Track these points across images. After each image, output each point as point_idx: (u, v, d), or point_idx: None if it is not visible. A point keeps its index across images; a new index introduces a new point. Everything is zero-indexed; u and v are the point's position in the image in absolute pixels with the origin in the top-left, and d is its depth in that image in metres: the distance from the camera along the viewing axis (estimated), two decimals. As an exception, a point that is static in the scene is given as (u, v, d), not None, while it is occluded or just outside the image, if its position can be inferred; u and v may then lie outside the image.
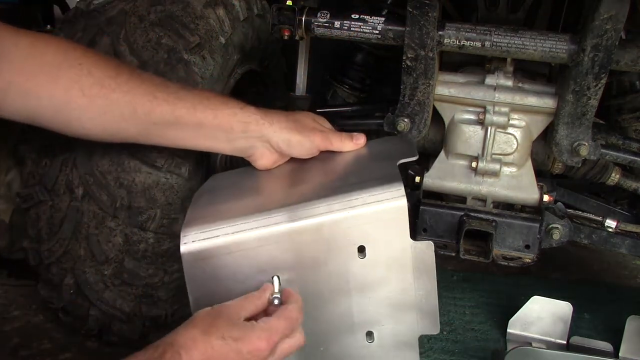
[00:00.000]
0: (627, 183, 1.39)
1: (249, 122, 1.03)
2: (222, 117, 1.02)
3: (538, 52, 1.16)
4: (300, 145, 1.06)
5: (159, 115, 0.98)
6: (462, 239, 1.23)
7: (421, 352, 1.43)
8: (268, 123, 1.04)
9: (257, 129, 1.04)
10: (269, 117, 1.05)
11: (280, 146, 1.06)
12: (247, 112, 1.04)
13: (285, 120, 1.06)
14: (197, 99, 1.02)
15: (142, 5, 1.18)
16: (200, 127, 1.01)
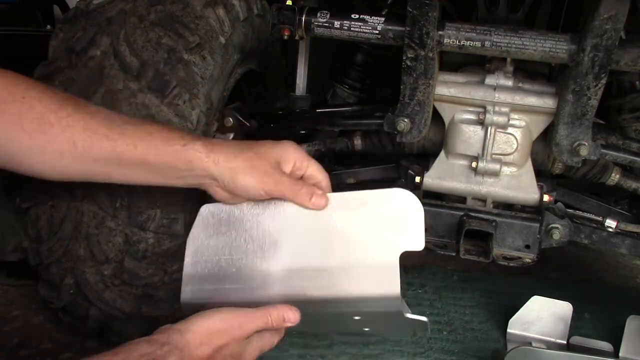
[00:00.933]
0: (627, 183, 1.39)
1: (192, 160, 0.94)
2: (164, 156, 0.94)
3: (538, 52, 1.16)
4: (246, 190, 0.96)
5: (99, 151, 0.92)
6: (462, 239, 1.23)
7: (421, 352, 1.43)
8: (212, 162, 0.94)
9: (201, 168, 0.95)
10: (215, 154, 0.94)
11: (226, 186, 0.97)
12: (190, 149, 0.94)
13: (234, 159, 0.95)
14: (139, 134, 0.94)
15: (142, 5, 1.18)
16: (144, 165, 0.95)
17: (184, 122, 1.15)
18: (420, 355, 1.42)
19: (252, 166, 0.94)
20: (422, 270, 1.82)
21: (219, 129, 1.36)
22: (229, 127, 1.37)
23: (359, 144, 1.44)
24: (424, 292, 1.70)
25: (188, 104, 1.16)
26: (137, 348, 0.81)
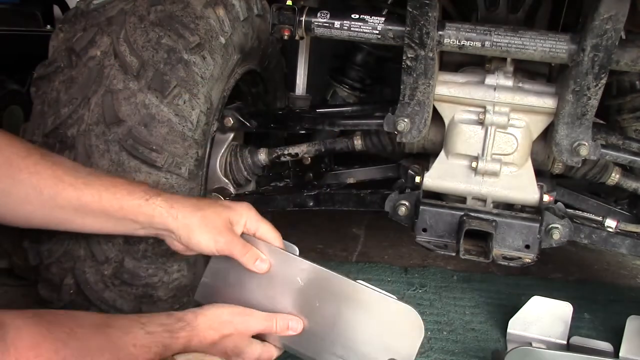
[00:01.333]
0: (627, 183, 1.39)
1: (153, 215, 0.99)
2: (127, 208, 0.98)
3: (538, 52, 1.16)
4: (199, 247, 1.02)
5: (64, 199, 0.95)
6: (462, 239, 1.23)
7: (421, 352, 1.43)
8: (172, 217, 0.99)
9: (161, 222, 1.00)
10: (175, 210, 0.99)
11: (182, 240, 1.02)
12: (152, 204, 0.99)
13: (192, 216, 1.00)
14: (104, 186, 0.98)
15: (142, 5, 1.18)
16: (107, 215, 0.99)
17: (184, 122, 1.15)
18: (420, 355, 1.42)
19: (207, 224, 1.00)
20: (422, 270, 1.82)
21: (219, 129, 1.36)
22: (229, 127, 1.37)
23: (359, 144, 1.44)
24: (424, 292, 1.70)
25: (188, 104, 1.16)
26: (158, 318, 0.93)
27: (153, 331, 0.90)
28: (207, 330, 0.96)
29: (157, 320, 0.92)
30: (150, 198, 0.99)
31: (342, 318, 1.01)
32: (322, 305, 1.02)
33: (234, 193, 1.43)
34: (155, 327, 0.91)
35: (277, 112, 1.59)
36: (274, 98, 1.68)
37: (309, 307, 1.03)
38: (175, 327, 0.93)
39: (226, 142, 1.40)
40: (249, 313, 1.01)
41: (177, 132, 1.14)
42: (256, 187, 1.55)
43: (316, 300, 1.03)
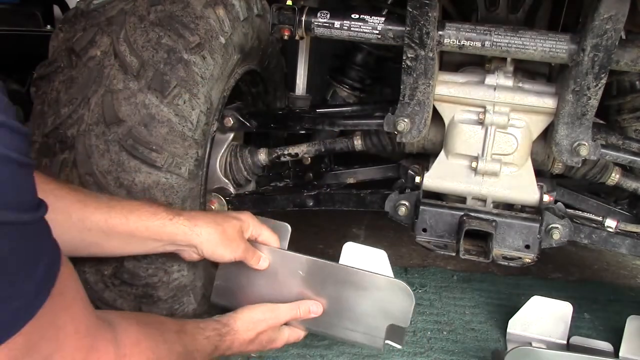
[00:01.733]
0: (627, 183, 1.39)
1: (177, 233, 1.06)
2: (152, 229, 1.04)
3: (538, 52, 1.16)
4: (222, 257, 1.12)
5: (92, 222, 0.98)
6: (462, 239, 1.23)
7: (421, 352, 1.43)
8: (196, 234, 1.08)
9: (184, 239, 1.08)
10: (198, 227, 1.08)
11: (204, 254, 1.11)
12: (175, 223, 1.06)
13: (214, 232, 1.09)
14: (128, 209, 1.02)
15: (142, 5, 1.18)
16: (133, 237, 1.03)
17: (184, 122, 1.15)
18: (420, 355, 1.42)
19: (227, 238, 1.11)
20: (422, 270, 1.82)
21: (219, 129, 1.36)
22: (229, 127, 1.37)
23: (359, 144, 1.44)
24: (424, 292, 1.70)
25: (188, 104, 1.16)
26: (211, 323, 1.07)
27: (209, 335, 1.04)
28: (246, 332, 1.10)
29: (211, 326, 1.06)
30: (174, 218, 1.06)
31: (343, 297, 1.17)
32: (324, 290, 1.18)
33: (234, 193, 1.43)
34: (210, 331, 1.05)
35: (277, 112, 1.59)
36: (274, 98, 1.68)
37: (314, 293, 1.18)
38: (222, 331, 1.07)
39: (226, 142, 1.40)
40: (276, 308, 1.15)
41: (177, 132, 1.14)
42: (256, 187, 1.55)
43: (318, 286, 1.18)
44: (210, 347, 1.04)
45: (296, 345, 1.41)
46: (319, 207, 1.43)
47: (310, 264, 1.18)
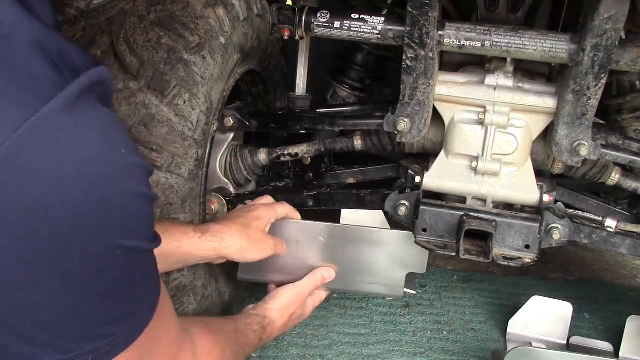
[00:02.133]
0: (627, 183, 1.39)
1: (207, 249, 1.11)
2: (184, 248, 1.07)
3: (538, 52, 1.16)
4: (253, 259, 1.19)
5: None
6: (462, 239, 1.23)
7: (421, 352, 1.43)
8: (225, 247, 1.12)
9: (215, 254, 1.13)
10: (226, 241, 1.12)
11: (235, 260, 1.18)
12: (205, 241, 1.10)
13: (241, 240, 1.14)
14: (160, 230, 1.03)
15: (142, 5, 1.18)
16: (165, 258, 1.02)
17: (184, 122, 1.15)
18: (420, 355, 1.42)
19: (254, 242, 1.17)
20: (422, 270, 1.82)
21: (219, 129, 1.36)
22: (229, 127, 1.37)
23: (359, 144, 1.44)
24: (424, 292, 1.70)
25: (188, 104, 1.16)
26: (255, 318, 1.14)
27: (255, 330, 1.12)
28: (281, 319, 1.18)
29: (255, 320, 1.13)
30: (203, 235, 1.10)
31: (362, 255, 1.28)
32: (344, 251, 1.28)
33: (234, 193, 1.43)
34: (255, 326, 1.12)
35: (277, 112, 1.59)
36: (274, 98, 1.68)
37: (336, 256, 1.28)
38: (264, 323, 1.14)
39: (226, 142, 1.40)
40: (299, 286, 1.23)
41: (177, 132, 1.14)
42: (256, 187, 1.55)
43: (339, 248, 1.28)
44: (257, 340, 1.12)
45: (296, 345, 1.41)
46: (319, 207, 1.43)
47: (330, 229, 1.28)
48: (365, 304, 1.62)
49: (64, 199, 0.55)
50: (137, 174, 0.63)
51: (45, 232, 0.55)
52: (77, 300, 0.61)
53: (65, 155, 0.54)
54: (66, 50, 0.56)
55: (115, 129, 0.60)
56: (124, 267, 0.65)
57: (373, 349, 1.42)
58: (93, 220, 0.58)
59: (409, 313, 1.59)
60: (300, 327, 1.49)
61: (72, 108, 0.54)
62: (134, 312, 0.69)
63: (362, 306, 1.61)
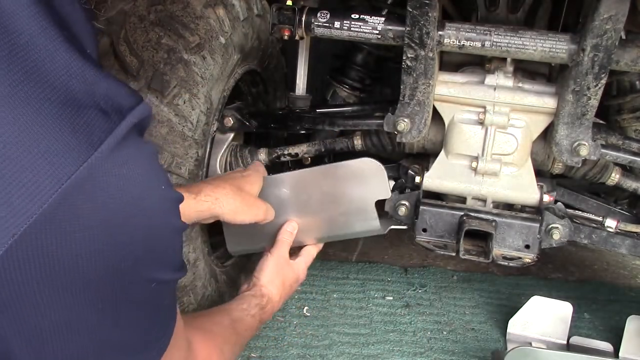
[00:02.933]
0: (627, 183, 1.39)
1: (202, 210, 1.10)
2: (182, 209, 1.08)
3: (538, 52, 1.16)
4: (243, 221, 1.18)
5: None
6: (462, 239, 1.23)
7: (421, 352, 1.43)
8: (219, 207, 1.12)
9: (209, 213, 1.12)
10: (220, 200, 1.12)
11: (226, 220, 1.17)
12: (199, 201, 1.10)
13: (234, 201, 1.15)
14: None
15: (142, 5, 1.18)
16: None
17: (184, 122, 1.15)
18: (420, 355, 1.42)
19: (246, 204, 1.17)
20: (422, 270, 1.82)
21: (219, 129, 1.36)
22: (229, 127, 1.37)
23: (359, 144, 1.44)
24: (424, 292, 1.71)
25: (188, 104, 1.16)
26: (251, 300, 1.15)
27: (254, 313, 1.13)
28: (277, 292, 1.20)
29: (253, 303, 1.14)
30: (197, 196, 1.09)
31: (329, 195, 1.26)
32: (311, 197, 1.27)
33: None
34: (253, 308, 1.13)
35: (277, 112, 1.59)
36: (274, 98, 1.68)
37: (304, 204, 1.28)
38: (262, 303, 1.16)
39: (226, 142, 1.40)
40: (276, 250, 1.24)
41: (177, 132, 1.14)
42: (256, 187, 1.55)
43: (304, 196, 1.27)
44: (257, 323, 1.13)
45: (296, 345, 1.41)
46: (319, 207, 1.43)
47: (289, 179, 1.28)
48: (365, 304, 1.62)
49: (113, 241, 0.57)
50: (174, 208, 0.65)
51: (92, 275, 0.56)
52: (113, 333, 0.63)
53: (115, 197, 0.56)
54: (112, 92, 0.58)
55: (156, 164, 0.63)
56: (157, 298, 0.67)
57: (373, 349, 1.43)
58: (136, 258, 0.60)
59: (409, 313, 1.59)
60: (300, 327, 1.49)
61: (119, 149, 0.56)
62: (158, 338, 0.71)
63: (362, 306, 1.61)
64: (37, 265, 0.53)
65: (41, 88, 0.54)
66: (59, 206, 0.52)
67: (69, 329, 0.58)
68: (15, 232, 0.50)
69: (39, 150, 0.52)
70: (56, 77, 0.55)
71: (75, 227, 0.54)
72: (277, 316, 1.52)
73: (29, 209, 0.51)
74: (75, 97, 0.55)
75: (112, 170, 0.56)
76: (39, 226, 0.51)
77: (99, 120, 0.56)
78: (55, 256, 0.53)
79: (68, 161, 0.53)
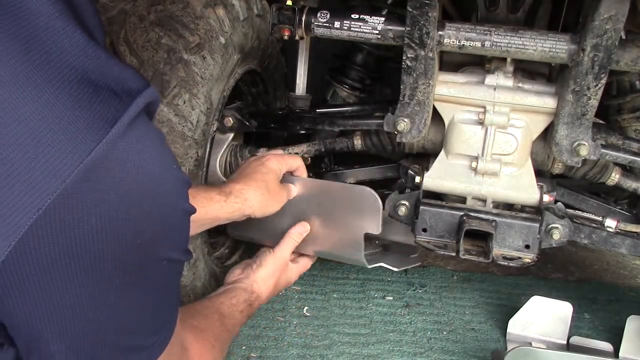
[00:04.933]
0: (627, 183, 1.39)
1: (232, 211, 1.12)
2: (211, 213, 1.10)
3: (538, 52, 1.16)
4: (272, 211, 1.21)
5: None
6: (462, 239, 1.23)
7: (421, 352, 1.43)
8: (248, 206, 1.14)
9: (240, 214, 1.14)
10: (249, 200, 1.14)
11: (257, 216, 1.18)
12: (230, 203, 1.12)
13: (261, 195, 1.16)
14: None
15: (142, 5, 1.18)
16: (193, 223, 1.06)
17: (184, 122, 1.15)
18: (420, 355, 1.42)
19: (273, 197, 1.19)
20: (422, 270, 1.82)
21: (219, 129, 1.36)
22: (229, 127, 1.37)
23: (359, 144, 1.44)
24: (424, 292, 1.70)
25: (188, 104, 1.16)
26: (241, 295, 1.16)
27: (242, 309, 1.14)
28: (266, 290, 1.21)
29: (242, 298, 1.15)
30: (227, 198, 1.11)
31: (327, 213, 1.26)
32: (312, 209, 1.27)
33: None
34: (242, 304, 1.14)
35: (277, 112, 1.59)
36: (274, 98, 1.68)
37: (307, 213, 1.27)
38: (251, 299, 1.17)
39: (226, 142, 1.40)
40: (278, 251, 1.24)
41: (176, 132, 1.14)
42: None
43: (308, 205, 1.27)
44: (245, 319, 1.15)
45: (296, 345, 1.41)
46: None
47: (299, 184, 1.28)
48: (365, 304, 1.62)
49: (130, 216, 0.59)
50: (184, 190, 0.67)
51: (110, 250, 0.58)
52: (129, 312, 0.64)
53: (131, 173, 0.58)
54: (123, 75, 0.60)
55: (165, 145, 0.64)
56: (168, 277, 0.69)
57: (373, 349, 1.42)
58: (152, 234, 0.62)
59: (409, 313, 1.59)
60: (300, 327, 1.49)
61: (132, 129, 0.58)
62: (167, 322, 0.73)
63: (362, 306, 1.61)
64: (60, 240, 0.54)
65: (60, 68, 0.55)
66: (80, 182, 0.54)
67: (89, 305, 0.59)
68: (40, 207, 0.52)
69: (60, 127, 0.53)
70: (74, 58, 0.57)
71: (95, 202, 0.55)
72: (277, 316, 1.52)
73: (52, 184, 0.52)
74: (91, 77, 0.57)
75: (128, 147, 0.57)
76: (61, 201, 0.53)
77: (112, 100, 0.57)
78: (76, 231, 0.54)
79: (87, 138, 0.54)
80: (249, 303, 1.16)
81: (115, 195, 0.56)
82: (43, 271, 0.54)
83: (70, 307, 0.58)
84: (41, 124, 0.53)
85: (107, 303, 0.61)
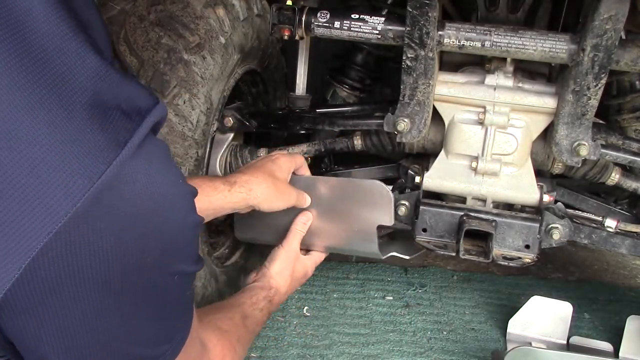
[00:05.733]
0: (627, 183, 1.39)
1: (237, 201, 1.11)
2: (215, 202, 1.09)
3: (538, 52, 1.16)
4: (277, 208, 1.19)
5: None
6: (462, 239, 1.23)
7: (421, 352, 1.43)
8: (253, 197, 1.13)
9: (244, 204, 1.13)
10: (253, 190, 1.13)
11: (261, 209, 1.17)
12: (234, 192, 1.11)
13: (268, 189, 1.15)
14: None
15: (142, 5, 1.18)
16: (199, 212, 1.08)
17: (184, 122, 1.15)
18: (420, 355, 1.42)
19: (279, 191, 1.18)
20: (422, 270, 1.82)
21: (219, 129, 1.36)
22: (229, 127, 1.37)
23: (359, 144, 1.44)
24: (424, 292, 1.71)
25: (188, 104, 1.16)
26: (260, 293, 1.15)
27: (262, 307, 1.13)
28: (283, 286, 1.20)
29: (261, 296, 1.15)
30: (232, 187, 1.10)
31: (338, 208, 1.26)
32: (323, 205, 1.26)
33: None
34: (262, 302, 1.14)
35: (277, 112, 1.59)
36: (274, 98, 1.68)
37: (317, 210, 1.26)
38: (270, 295, 1.16)
39: (226, 142, 1.40)
40: (287, 243, 1.23)
41: (176, 132, 1.14)
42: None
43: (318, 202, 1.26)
44: (266, 316, 1.15)
45: (296, 345, 1.41)
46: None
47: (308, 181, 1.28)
48: (365, 304, 1.62)
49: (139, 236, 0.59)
50: (192, 202, 0.68)
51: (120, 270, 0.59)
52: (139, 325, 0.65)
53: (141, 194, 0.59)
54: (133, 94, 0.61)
55: (171, 160, 0.65)
56: (179, 290, 0.69)
57: (373, 349, 1.43)
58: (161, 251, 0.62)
59: (409, 313, 1.59)
60: (300, 327, 1.49)
61: (141, 148, 0.59)
62: (180, 329, 0.73)
63: (362, 306, 1.61)
64: (70, 261, 0.55)
65: (73, 91, 0.56)
66: (91, 204, 0.54)
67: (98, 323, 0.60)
68: (51, 230, 0.53)
69: (72, 150, 0.54)
70: (87, 80, 0.57)
71: (106, 224, 0.56)
72: (277, 316, 1.52)
73: (64, 207, 0.53)
74: (103, 99, 0.58)
75: (137, 167, 0.58)
76: (72, 224, 0.53)
77: (122, 120, 0.58)
78: (86, 253, 0.55)
79: (99, 160, 0.55)
80: (269, 299, 1.16)
81: (125, 216, 0.57)
82: (52, 291, 0.55)
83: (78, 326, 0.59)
84: (54, 147, 0.54)
85: (116, 320, 0.62)
